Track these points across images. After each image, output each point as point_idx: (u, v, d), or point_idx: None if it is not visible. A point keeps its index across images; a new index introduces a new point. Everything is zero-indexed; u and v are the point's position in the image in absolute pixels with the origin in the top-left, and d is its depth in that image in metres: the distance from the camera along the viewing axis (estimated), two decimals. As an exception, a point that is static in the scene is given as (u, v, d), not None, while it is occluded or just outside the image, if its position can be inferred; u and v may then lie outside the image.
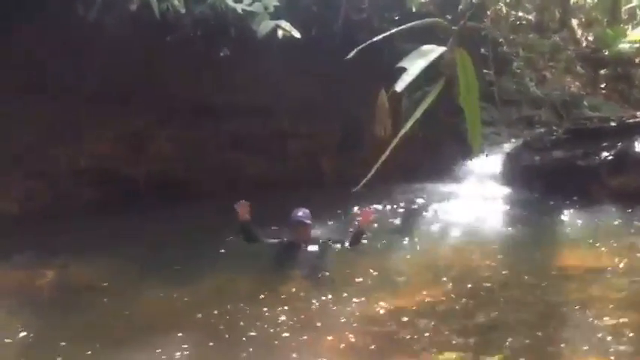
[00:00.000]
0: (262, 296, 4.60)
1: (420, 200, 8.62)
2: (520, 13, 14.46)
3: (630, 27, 15.67)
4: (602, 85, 14.47)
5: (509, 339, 3.98)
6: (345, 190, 6.61)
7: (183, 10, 6.74)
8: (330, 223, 7.08)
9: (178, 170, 8.55)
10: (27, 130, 7.53)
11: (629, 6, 16.27)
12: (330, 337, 3.78)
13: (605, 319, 4.16)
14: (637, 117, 9.62)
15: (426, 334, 3.99)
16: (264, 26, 6.72)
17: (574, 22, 16.10)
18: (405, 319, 4.21)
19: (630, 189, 7.70)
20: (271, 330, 3.91)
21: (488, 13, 12.36)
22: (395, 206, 8.21)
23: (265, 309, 4.27)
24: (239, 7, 6.70)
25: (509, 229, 7.51)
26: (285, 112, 8.92)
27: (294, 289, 4.84)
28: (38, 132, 7.66)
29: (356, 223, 6.11)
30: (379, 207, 7.77)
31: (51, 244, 5.80)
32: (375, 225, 6.73)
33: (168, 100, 8.15)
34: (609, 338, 3.88)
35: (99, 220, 7.05)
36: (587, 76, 14.29)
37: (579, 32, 15.90)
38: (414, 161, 9.68)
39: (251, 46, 7.41)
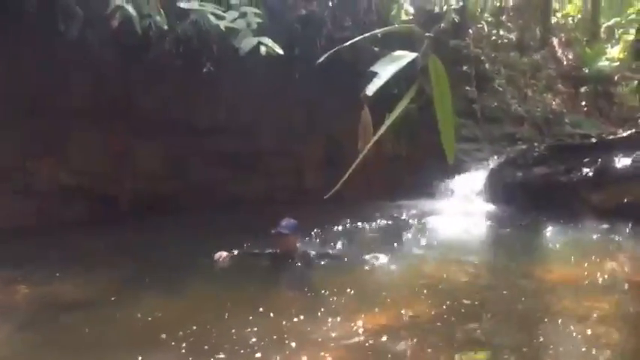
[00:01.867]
0: (236, 314, 4.52)
1: (402, 217, 8.62)
2: (502, 32, 14.70)
3: (609, 46, 15.98)
4: (583, 103, 14.71)
5: (492, 353, 3.96)
6: (329, 206, 6.69)
7: (165, 27, 6.74)
8: (314, 238, 7.06)
9: (162, 187, 8.50)
10: (11, 145, 7.46)
11: (606, 24, 16.61)
12: (304, 358, 3.72)
13: (584, 332, 4.16)
14: (616, 133, 9.76)
15: (406, 352, 3.94)
16: (247, 43, 6.73)
17: (555, 40, 16.40)
18: (384, 337, 4.16)
19: (610, 204, 7.78)
20: (241, 351, 3.83)
21: (470, 31, 12.53)
22: (377, 223, 8.20)
23: (235, 329, 4.19)
24: (222, 24, 6.71)
25: (491, 245, 7.53)
26: (269, 129, 8.94)
27: (268, 307, 4.78)
28: (22, 147, 7.59)
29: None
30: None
31: (30, 259, 5.71)
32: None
33: (150, 117, 8.12)
34: (587, 351, 3.88)
35: (81, 236, 6.98)
36: (568, 94, 14.52)
37: (560, 51, 16.20)
38: (397, 179, 9.76)
39: (233, 63, 7.43)
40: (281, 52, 6.85)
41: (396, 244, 7.34)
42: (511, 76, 13.03)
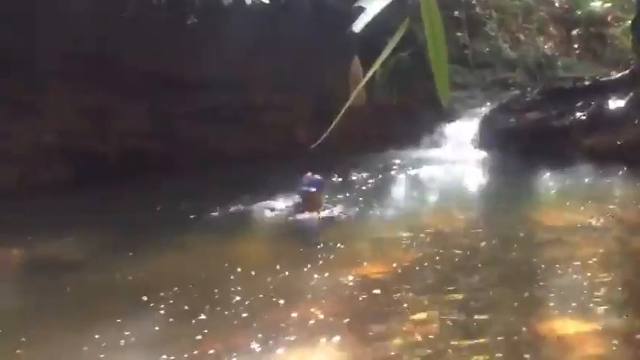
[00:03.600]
0: (223, 273, 4.49)
1: (394, 167, 8.56)
2: (493, -26, 14.33)
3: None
4: (576, 45, 14.48)
5: (489, 301, 3.96)
6: (321, 159, 6.63)
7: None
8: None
9: (150, 145, 8.35)
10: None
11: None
12: (294, 314, 3.70)
13: (581, 277, 4.16)
14: (610, 75, 9.63)
15: (399, 302, 3.93)
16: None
17: (546, -18, 16.01)
18: (377, 288, 4.15)
19: (604, 147, 7.74)
20: (230, 311, 3.80)
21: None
22: (370, 173, 8.15)
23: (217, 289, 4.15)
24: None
25: (485, 192, 7.52)
26: (257, 82, 8.72)
27: (259, 264, 4.76)
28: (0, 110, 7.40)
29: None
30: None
31: (16, 222, 5.62)
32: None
33: (134, 74, 7.90)
34: (586, 297, 3.88)
35: (67, 197, 6.87)
36: (561, 37, 14.27)
37: (552, -8, 15.83)
38: (389, 128, 9.63)
39: (218, 14, 7.20)
40: (267, 1, 6.63)
41: (388, 196, 7.32)
42: (503, 20, 12.77)
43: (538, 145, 8.14)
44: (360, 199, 6.74)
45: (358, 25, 1.66)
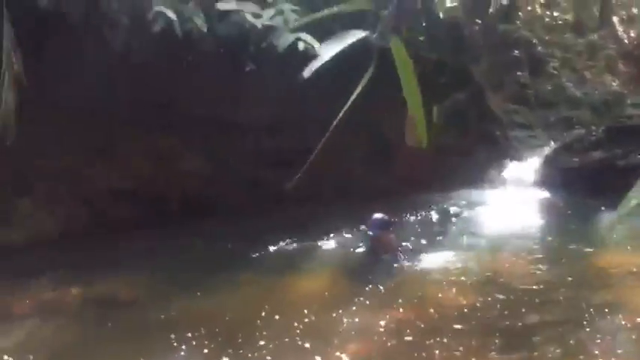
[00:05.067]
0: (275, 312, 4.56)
1: (454, 208, 8.43)
2: (555, 13, 14.14)
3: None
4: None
5: (543, 344, 3.83)
6: (378, 200, 6.64)
7: (205, 30, 6.86)
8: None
9: (209, 188, 8.63)
10: (64, 150, 7.76)
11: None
12: (350, 346, 3.71)
13: (636, 320, 3.95)
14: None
15: (451, 343, 3.85)
16: (285, 40, 6.76)
17: (615, 19, 15.62)
18: (428, 330, 4.09)
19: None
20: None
21: (520, 14, 12.11)
22: (429, 214, 8.07)
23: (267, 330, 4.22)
24: (259, 23, 6.77)
25: (547, 234, 7.25)
26: (313, 125, 8.88)
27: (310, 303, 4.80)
28: (74, 152, 7.88)
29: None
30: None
31: (81, 262, 5.93)
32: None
33: (196, 119, 8.26)
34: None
35: (131, 238, 7.18)
36: (630, 74, 13.80)
37: (621, 29, 15.41)
38: (446, 170, 9.52)
39: (274, 61, 7.44)
40: (318, 45, 6.82)
41: (444, 237, 7.19)
42: (566, 59, 12.50)
43: (601, 185, 7.83)
44: (423, 241, 6.69)
45: (306, 72, 1.73)
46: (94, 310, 4.85)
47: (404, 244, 6.09)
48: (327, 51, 1.68)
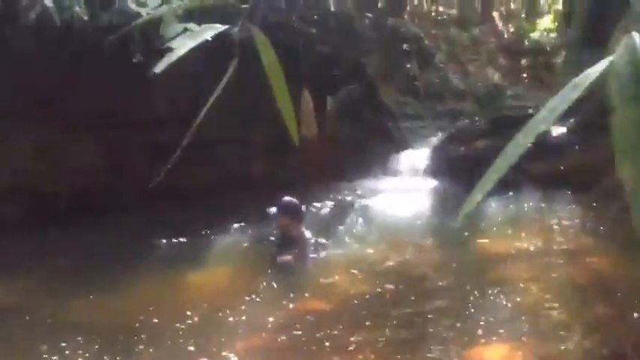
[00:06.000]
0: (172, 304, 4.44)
1: (347, 198, 8.60)
2: (441, 8, 14.77)
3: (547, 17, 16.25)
4: (524, 75, 14.94)
5: (429, 327, 3.99)
6: (274, 192, 6.62)
7: (86, 18, 6.47)
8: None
9: (102, 184, 8.22)
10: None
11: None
12: (237, 344, 3.66)
13: (518, 300, 4.22)
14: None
15: (342, 334, 3.91)
16: (172, 30, 6.49)
17: (495, 15, 16.58)
18: (322, 320, 4.13)
19: (548, 173, 7.92)
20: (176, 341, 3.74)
21: (408, 9, 12.53)
22: (323, 205, 8.16)
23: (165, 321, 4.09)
24: (143, 12, 6.48)
25: (434, 221, 7.59)
26: (212, 118, 8.69)
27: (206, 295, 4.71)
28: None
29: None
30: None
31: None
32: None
33: (83, 113, 7.83)
34: (522, 320, 3.93)
35: (17, 239, 6.69)
36: (510, 67, 14.72)
37: (500, 24, 16.39)
38: (340, 161, 9.69)
39: (163, 51, 7.17)
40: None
41: (340, 228, 7.32)
42: (452, 52, 13.12)
43: (486, 172, 8.26)
44: (321, 232, 6.72)
45: (160, 66, 1.68)
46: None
47: (316, 239, 5.89)
48: (183, 46, 1.63)
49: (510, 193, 7.56)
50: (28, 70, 7.21)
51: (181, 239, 6.53)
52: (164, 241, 6.47)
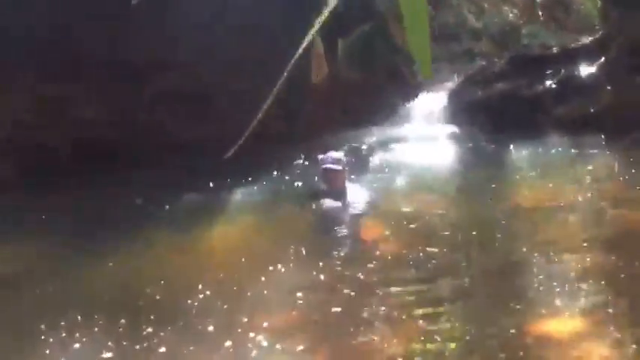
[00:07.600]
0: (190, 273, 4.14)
1: (364, 146, 8.23)
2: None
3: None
4: (540, 13, 14.27)
5: (468, 289, 3.70)
6: (293, 143, 6.26)
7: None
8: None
9: (101, 136, 7.84)
10: None
11: None
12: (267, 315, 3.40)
13: (566, 262, 3.90)
14: (577, 42, 9.40)
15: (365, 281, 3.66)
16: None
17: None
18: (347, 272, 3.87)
19: (575, 116, 7.51)
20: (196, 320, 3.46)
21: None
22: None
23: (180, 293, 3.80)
24: (144, -52, 5.92)
25: (457, 169, 7.24)
26: (213, 67, 8.22)
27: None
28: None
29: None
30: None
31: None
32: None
33: (80, 60, 7.39)
34: (572, 287, 3.62)
35: (16, 198, 6.37)
36: (524, 5, 14.03)
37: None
38: (354, 106, 9.25)
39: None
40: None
41: (358, 175, 6.97)
42: (466, -11, 12.45)
43: (508, 116, 7.87)
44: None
45: None
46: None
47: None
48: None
49: (537, 139, 7.16)
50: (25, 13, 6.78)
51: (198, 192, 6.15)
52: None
